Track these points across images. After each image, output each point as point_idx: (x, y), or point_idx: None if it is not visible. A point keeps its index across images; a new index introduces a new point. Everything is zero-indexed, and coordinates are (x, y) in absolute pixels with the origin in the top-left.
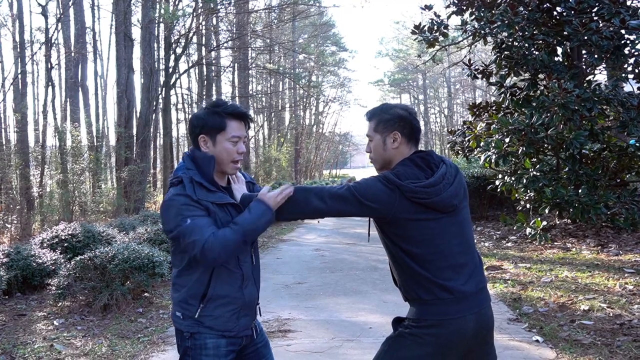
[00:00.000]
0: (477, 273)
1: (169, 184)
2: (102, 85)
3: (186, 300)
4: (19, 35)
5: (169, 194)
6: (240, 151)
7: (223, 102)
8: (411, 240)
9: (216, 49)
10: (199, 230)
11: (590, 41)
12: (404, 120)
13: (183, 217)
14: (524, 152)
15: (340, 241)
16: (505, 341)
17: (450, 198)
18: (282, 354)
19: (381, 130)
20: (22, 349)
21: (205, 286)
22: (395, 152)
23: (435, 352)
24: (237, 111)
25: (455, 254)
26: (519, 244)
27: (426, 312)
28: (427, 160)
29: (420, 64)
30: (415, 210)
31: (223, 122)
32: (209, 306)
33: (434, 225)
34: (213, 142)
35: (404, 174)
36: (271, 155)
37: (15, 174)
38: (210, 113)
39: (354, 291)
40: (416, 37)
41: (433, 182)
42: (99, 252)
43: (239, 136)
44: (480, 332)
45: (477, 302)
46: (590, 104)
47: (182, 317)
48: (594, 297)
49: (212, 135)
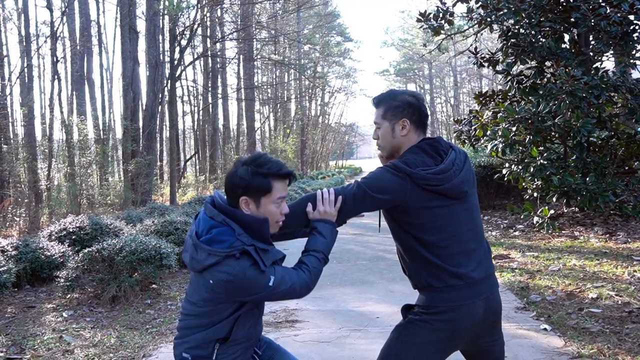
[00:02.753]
0: (486, 259)
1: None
2: (108, 78)
3: (202, 345)
4: (25, 29)
5: (232, 267)
6: (284, 212)
7: (266, 161)
8: (423, 227)
9: (221, 40)
10: (287, 276)
11: (598, 27)
12: (413, 106)
13: (267, 277)
14: (531, 141)
15: (347, 231)
16: (513, 330)
17: (461, 184)
18: (290, 344)
19: (389, 117)
20: (32, 341)
21: (227, 331)
22: (404, 139)
23: (446, 338)
24: (283, 172)
25: (466, 240)
26: (526, 232)
27: (437, 299)
28: (435, 147)
29: (426, 53)
30: (427, 198)
31: (269, 184)
32: (224, 345)
33: (445, 212)
34: (257, 205)
35: (414, 161)
36: (277, 147)
37: (23, 167)
38: (254, 174)
39: (361, 281)
40: (421, 25)
41: (444, 168)
42: (106, 245)
43: (284, 197)
44: (490, 317)
45: (486, 288)
46: (598, 91)
47: (191, 358)
48: (602, 285)
49: (257, 197)
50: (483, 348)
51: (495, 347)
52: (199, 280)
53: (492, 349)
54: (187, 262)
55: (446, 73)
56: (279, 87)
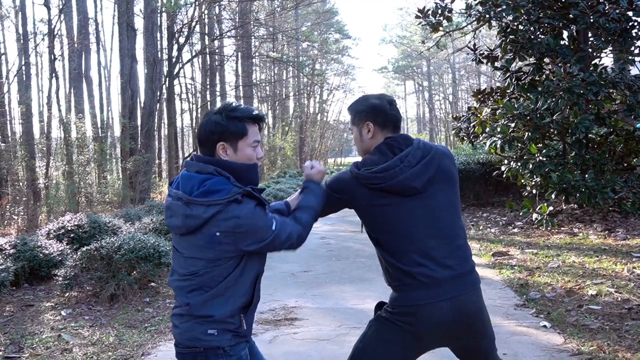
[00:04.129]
0: (455, 257)
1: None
2: (106, 76)
3: (232, 315)
4: (22, 27)
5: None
6: (259, 156)
7: (237, 106)
8: (375, 226)
9: (219, 37)
10: (284, 223)
11: (597, 24)
12: (376, 109)
13: (270, 222)
14: (529, 137)
15: (345, 229)
16: (512, 327)
17: (407, 181)
18: (289, 341)
19: (356, 122)
20: (30, 339)
21: (250, 295)
22: (372, 141)
23: (409, 338)
24: (256, 115)
25: (423, 239)
26: (525, 229)
27: (397, 298)
28: (391, 145)
29: (425, 50)
30: (373, 196)
31: (245, 127)
32: (247, 314)
33: (395, 210)
34: (234, 149)
35: (364, 161)
36: (276, 144)
37: (21, 165)
38: (229, 118)
39: (360, 279)
40: (420, 22)
41: (386, 166)
42: (105, 243)
43: (258, 140)
44: (462, 319)
45: (453, 288)
46: (596, 88)
47: (218, 333)
48: (601, 282)
49: (233, 141)
50: (467, 347)
51: (480, 345)
52: (198, 240)
53: (477, 347)
54: (179, 224)
55: (445, 70)
56: (277, 84)
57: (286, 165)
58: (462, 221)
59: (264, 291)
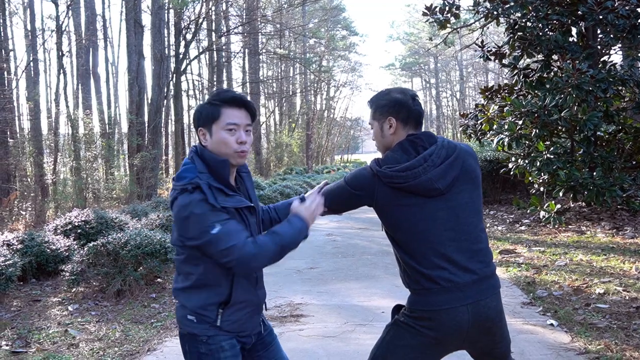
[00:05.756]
0: (476, 261)
1: (179, 188)
2: (114, 72)
3: (205, 307)
4: (30, 23)
5: (183, 199)
6: (240, 140)
7: (220, 91)
8: (395, 227)
9: (226, 34)
10: (235, 235)
11: (605, 20)
12: (399, 104)
13: (210, 224)
14: (537, 135)
15: (352, 226)
16: (519, 325)
17: (431, 181)
18: (295, 338)
19: (378, 117)
20: (37, 334)
21: (226, 295)
22: (393, 137)
23: (429, 343)
24: (232, 97)
25: (444, 241)
26: (532, 227)
27: (416, 302)
28: (415, 143)
29: (432, 47)
30: (394, 196)
31: (217, 111)
32: (228, 311)
33: (416, 211)
34: (210, 134)
35: (386, 159)
36: (282, 141)
37: (29, 161)
38: (206, 103)
39: (366, 276)
40: (427, 19)
41: (410, 165)
42: (111, 239)
43: (235, 123)
44: (482, 323)
45: (474, 293)
46: (605, 85)
47: (197, 321)
48: (609, 281)
49: (209, 126)
50: (484, 350)
51: (497, 348)
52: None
53: (494, 350)
54: None
55: (452, 67)
56: (284, 81)
57: (293, 162)
58: (483, 224)
59: (269, 288)
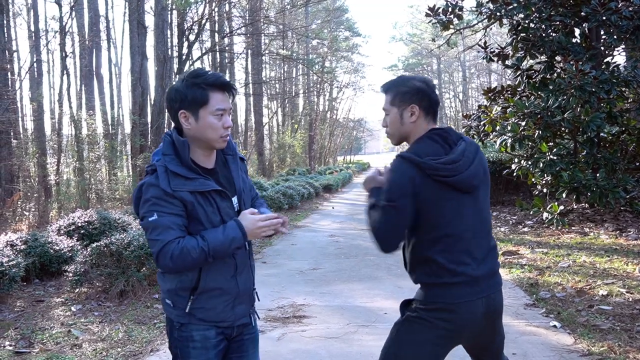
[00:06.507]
0: (490, 257)
1: (145, 172)
2: (117, 73)
3: (176, 291)
4: (34, 24)
5: (144, 180)
6: (227, 125)
7: (203, 72)
8: (427, 221)
9: (229, 35)
10: (162, 230)
11: (609, 21)
12: (422, 92)
13: (150, 210)
14: (540, 136)
15: (354, 227)
16: (522, 326)
17: (470, 177)
18: (297, 339)
19: (398, 103)
20: (41, 335)
21: (195, 280)
22: (413, 126)
23: (444, 335)
24: (220, 81)
25: (470, 237)
26: (535, 228)
27: (436, 295)
28: (445, 137)
29: (435, 48)
30: (437, 189)
31: (206, 95)
32: (200, 298)
33: (451, 206)
34: (195, 118)
35: (423, 150)
36: (285, 142)
37: (32, 162)
38: (190, 85)
39: (369, 277)
40: (430, 20)
41: (453, 159)
42: (114, 239)
43: (224, 109)
44: (490, 316)
45: (487, 287)
46: (608, 86)
47: (173, 306)
48: (612, 282)
49: (194, 110)
50: (483, 344)
51: (494, 343)
52: None
53: (491, 345)
54: None
55: (455, 68)
56: (287, 82)
57: (295, 163)
58: None
59: (272, 288)
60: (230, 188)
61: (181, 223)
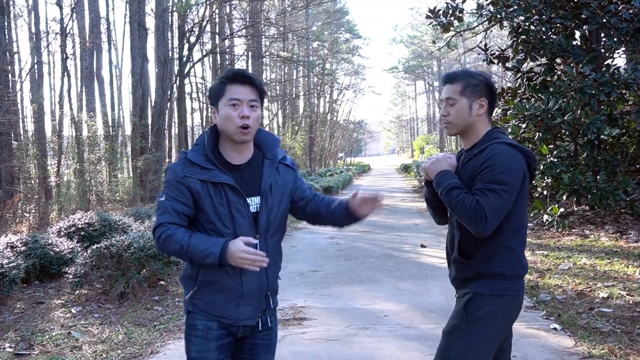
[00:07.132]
0: None
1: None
2: (117, 75)
3: (186, 277)
4: (35, 26)
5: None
6: (243, 114)
7: (228, 69)
8: (516, 209)
9: (230, 37)
10: (162, 211)
11: (609, 24)
12: (491, 88)
13: (162, 192)
14: (540, 138)
15: (355, 229)
16: (522, 329)
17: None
18: (298, 341)
19: (468, 94)
20: (41, 336)
21: (196, 269)
22: (479, 118)
23: (504, 329)
24: (234, 73)
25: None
26: (536, 231)
27: (508, 287)
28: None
29: (435, 50)
30: (530, 179)
31: (222, 88)
32: (202, 290)
33: (524, 197)
34: (217, 110)
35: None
36: (286, 144)
37: (33, 163)
38: (216, 82)
39: (369, 279)
40: (431, 22)
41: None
42: (115, 241)
43: (238, 98)
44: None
45: None
46: (608, 88)
47: (185, 292)
48: (613, 285)
49: (215, 103)
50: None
51: (509, 339)
52: None
53: (509, 339)
54: None
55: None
56: (287, 84)
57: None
58: None
59: None
60: (253, 188)
61: (180, 210)
